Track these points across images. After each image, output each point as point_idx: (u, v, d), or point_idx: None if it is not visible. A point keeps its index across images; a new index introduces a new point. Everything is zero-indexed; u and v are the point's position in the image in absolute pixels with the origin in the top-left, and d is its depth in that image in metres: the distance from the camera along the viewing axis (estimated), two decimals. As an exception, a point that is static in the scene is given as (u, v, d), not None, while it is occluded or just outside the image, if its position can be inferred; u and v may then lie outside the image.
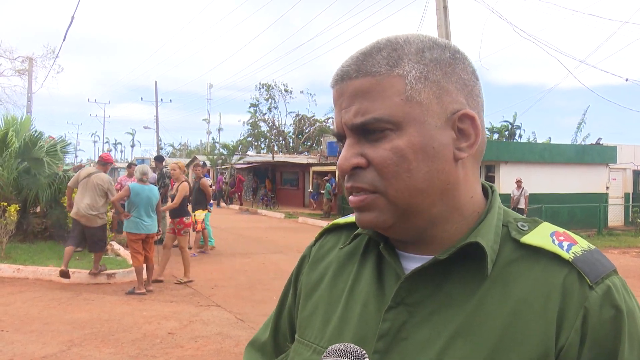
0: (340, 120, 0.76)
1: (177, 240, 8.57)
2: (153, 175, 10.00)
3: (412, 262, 0.77)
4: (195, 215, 10.81)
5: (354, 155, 0.74)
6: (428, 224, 0.75)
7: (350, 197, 0.76)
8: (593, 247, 0.75)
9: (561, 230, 0.77)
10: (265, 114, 40.18)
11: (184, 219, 8.46)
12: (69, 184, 8.19)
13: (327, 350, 0.73)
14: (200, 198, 10.86)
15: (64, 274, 7.63)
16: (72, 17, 16.24)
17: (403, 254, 0.79)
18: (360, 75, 0.73)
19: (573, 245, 0.73)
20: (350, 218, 0.91)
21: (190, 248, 10.74)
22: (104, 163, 8.21)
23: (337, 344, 0.73)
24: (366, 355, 0.71)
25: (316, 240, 0.96)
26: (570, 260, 0.71)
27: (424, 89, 0.73)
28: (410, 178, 0.72)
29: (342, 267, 0.86)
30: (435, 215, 0.75)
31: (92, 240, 7.88)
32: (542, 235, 0.75)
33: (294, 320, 0.91)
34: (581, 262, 0.71)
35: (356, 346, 0.72)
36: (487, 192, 0.82)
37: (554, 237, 0.74)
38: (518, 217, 0.79)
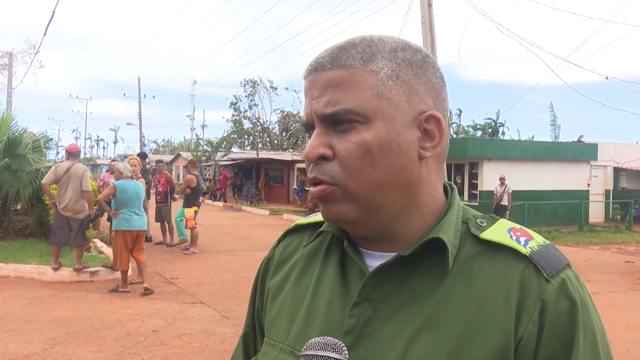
0: (310, 109, 0.77)
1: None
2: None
3: (375, 260, 0.79)
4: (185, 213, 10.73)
5: (322, 145, 0.75)
6: (391, 219, 0.77)
7: (311, 188, 0.78)
8: (548, 242, 0.78)
9: (517, 226, 0.80)
10: (247, 111, 40.01)
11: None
12: (43, 180, 8.02)
13: (306, 343, 0.74)
14: (188, 195, 10.76)
15: (57, 269, 7.93)
16: (53, 12, 16.08)
17: (366, 252, 0.81)
18: (334, 67, 0.75)
19: (529, 240, 0.76)
20: (313, 218, 0.93)
21: (187, 248, 10.66)
22: (73, 154, 8.14)
23: (316, 338, 0.74)
24: (345, 348, 0.73)
25: (279, 241, 0.96)
26: (528, 254, 0.74)
27: (395, 87, 0.75)
28: (373, 172, 0.74)
29: (306, 266, 0.87)
30: (398, 211, 0.77)
31: (76, 232, 7.87)
32: (500, 231, 0.77)
33: (262, 322, 0.92)
34: (538, 256, 0.74)
35: (335, 339, 0.73)
36: (448, 192, 0.84)
37: (512, 233, 0.77)
38: (477, 214, 0.82)
